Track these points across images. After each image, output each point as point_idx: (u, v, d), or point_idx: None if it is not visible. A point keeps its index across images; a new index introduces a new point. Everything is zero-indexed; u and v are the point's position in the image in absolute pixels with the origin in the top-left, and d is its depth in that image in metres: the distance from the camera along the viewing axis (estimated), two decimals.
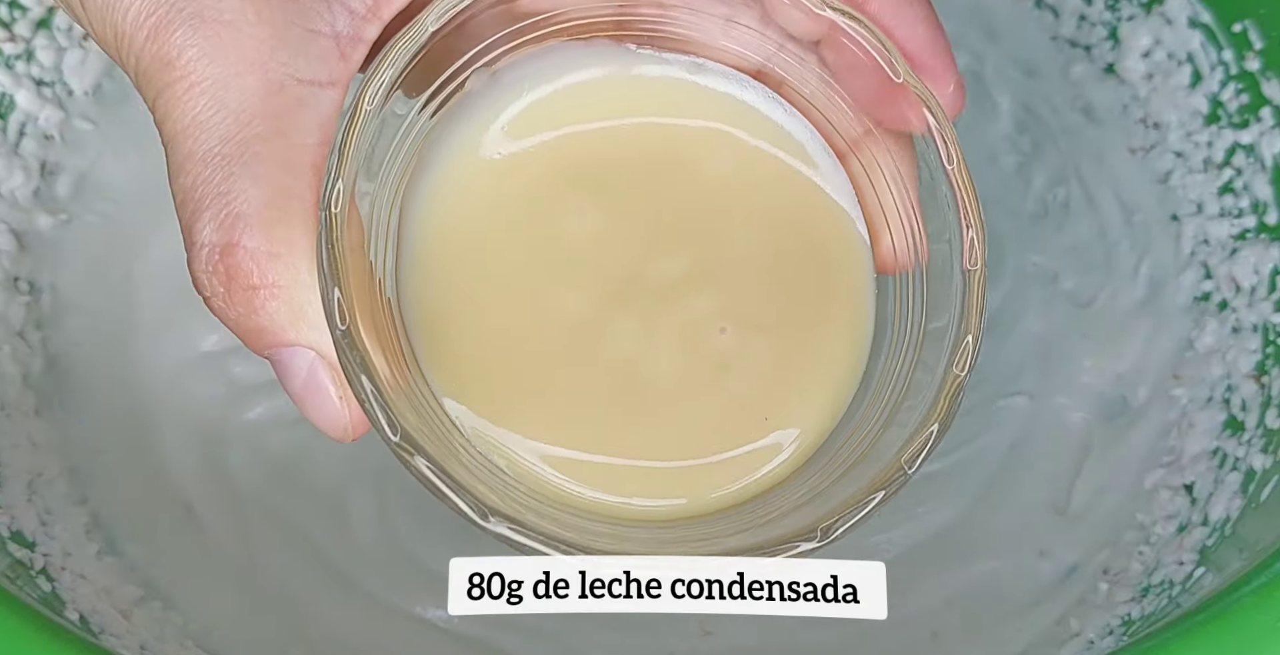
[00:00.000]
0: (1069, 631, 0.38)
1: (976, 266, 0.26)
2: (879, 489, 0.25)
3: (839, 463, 0.27)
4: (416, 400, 0.26)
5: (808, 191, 0.28)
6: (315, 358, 0.25)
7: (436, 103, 0.27)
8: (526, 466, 0.27)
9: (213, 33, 0.25)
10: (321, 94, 0.26)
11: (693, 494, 0.27)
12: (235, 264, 0.25)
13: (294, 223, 0.25)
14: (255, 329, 0.25)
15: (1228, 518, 0.37)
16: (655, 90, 0.28)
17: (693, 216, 0.28)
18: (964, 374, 0.26)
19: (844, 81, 0.27)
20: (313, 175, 0.25)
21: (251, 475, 0.40)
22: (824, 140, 0.28)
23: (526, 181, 0.27)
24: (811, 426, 0.27)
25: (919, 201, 0.27)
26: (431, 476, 0.24)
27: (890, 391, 0.27)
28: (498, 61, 0.27)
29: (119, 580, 0.38)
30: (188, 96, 0.25)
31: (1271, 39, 0.39)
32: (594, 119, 0.28)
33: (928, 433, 0.25)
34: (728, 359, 0.27)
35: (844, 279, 0.28)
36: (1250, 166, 0.40)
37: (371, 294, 0.26)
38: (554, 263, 0.27)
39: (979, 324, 0.26)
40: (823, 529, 0.24)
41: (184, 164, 0.25)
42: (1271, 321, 0.39)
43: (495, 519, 0.24)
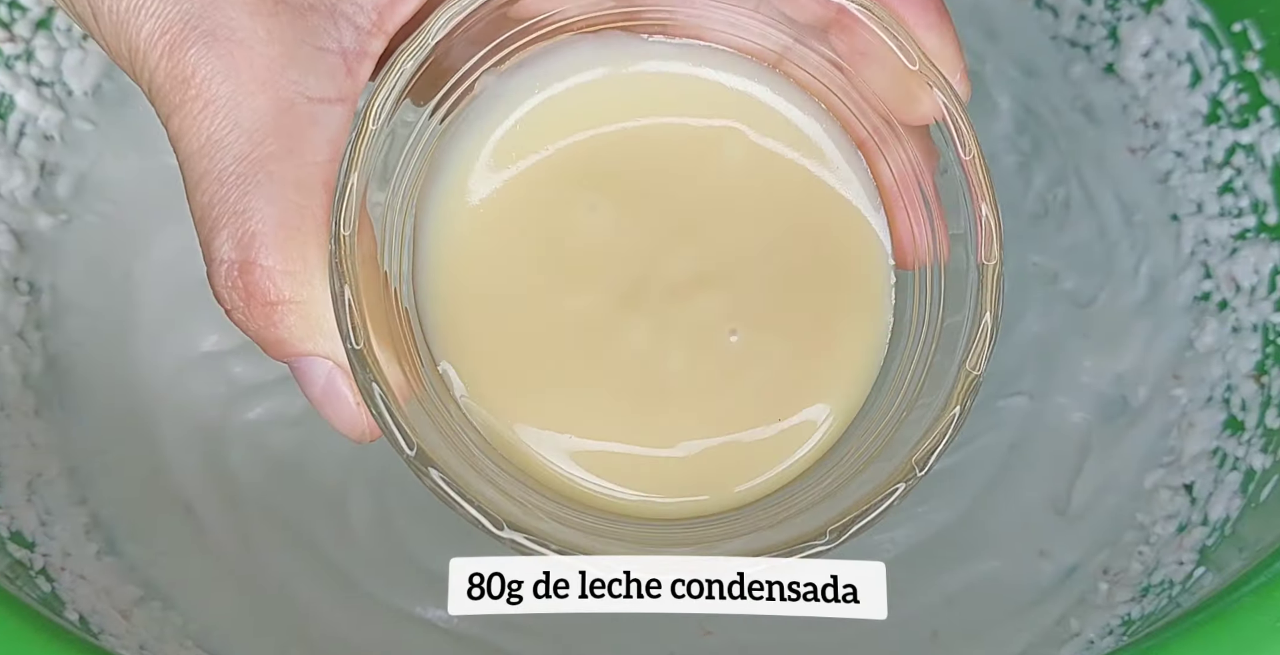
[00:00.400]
0: (1069, 631, 0.38)
1: (993, 260, 0.26)
2: (890, 488, 0.25)
3: (854, 460, 0.26)
4: (433, 407, 0.26)
5: (820, 188, 0.28)
6: (332, 367, 0.26)
7: (445, 108, 0.27)
8: (545, 465, 0.27)
9: (226, 52, 0.26)
10: (331, 111, 0.26)
11: (712, 491, 0.27)
12: (253, 281, 0.26)
13: (308, 239, 0.26)
14: (274, 340, 0.26)
15: (1228, 517, 0.37)
16: (665, 87, 0.28)
17: (704, 215, 0.28)
18: (978, 371, 0.25)
19: (858, 70, 0.27)
20: (324, 193, 0.26)
21: (251, 475, 0.40)
22: (841, 132, 0.28)
23: (538, 182, 0.27)
24: (827, 423, 0.27)
25: (937, 194, 0.27)
26: (446, 489, 0.24)
27: (906, 389, 0.27)
28: (505, 62, 0.27)
29: (119, 580, 0.38)
30: (203, 116, 0.26)
31: (1271, 39, 0.39)
32: (604, 118, 0.28)
33: (940, 431, 0.25)
34: (739, 360, 0.27)
35: (858, 275, 0.28)
36: (1250, 166, 0.40)
37: (386, 303, 0.26)
38: (567, 264, 0.27)
39: (995, 319, 0.25)
40: (834, 530, 0.24)
41: (200, 182, 0.26)
42: (1271, 321, 0.39)
43: (510, 529, 0.24)
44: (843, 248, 0.28)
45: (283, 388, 0.40)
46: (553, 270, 0.27)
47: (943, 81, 0.26)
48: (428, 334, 0.27)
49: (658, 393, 0.27)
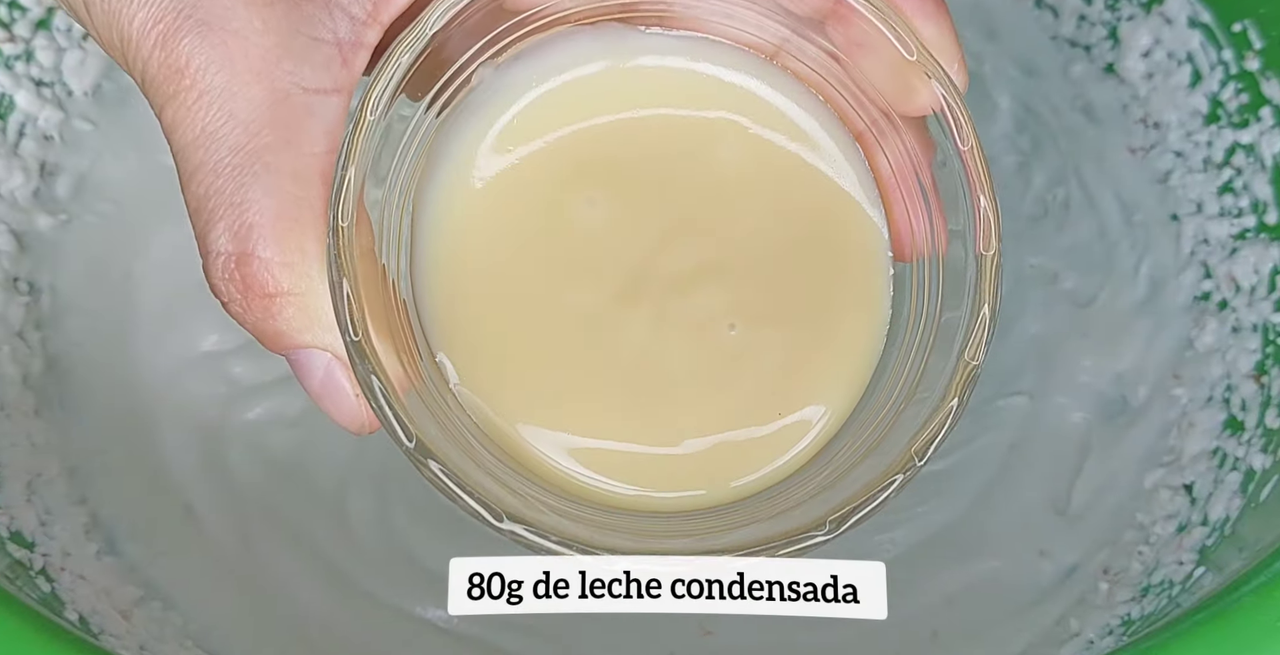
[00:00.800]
0: (1069, 631, 0.38)
1: (991, 251, 0.26)
2: (889, 480, 0.25)
3: (853, 452, 0.26)
4: (431, 399, 0.26)
5: (818, 180, 0.28)
6: (331, 359, 0.26)
7: (442, 101, 0.27)
8: (543, 460, 0.27)
9: (220, 41, 0.25)
10: (327, 102, 0.26)
11: (711, 485, 0.27)
12: (251, 273, 0.25)
13: (306, 231, 0.25)
14: (272, 333, 0.26)
15: (1228, 517, 0.37)
16: (662, 81, 0.28)
17: (703, 208, 0.28)
18: (976, 362, 0.25)
19: (855, 61, 0.27)
20: (321, 185, 0.26)
21: (251, 475, 0.40)
22: (839, 124, 0.28)
23: (536, 176, 0.27)
24: (826, 417, 0.27)
25: (935, 186, 0.27)
26: (445, 481, 0.24)
27: (905, 381, 0.27)
28: (502, 54, 0.27)
29: (119, 580, 0.38)
30: (197, 106, 0.25)
31: (1271, 39, 0.39)
32: (602, 111, 0.28)
33: (939, 422, 0.25)
34: (739, 354, 0.27)
35: (857, 268, 0.28)
36: (1250, 166, 0.40)
37: (385, 297, 0.26)
38: (565, 258, 0.27)
39: (994, 310, 0.25)
40: (833, 520, 0.24)
41: (195, 174, 0.26)
42: (1271, 321, 0.39)
43: (509, 521, 0.24)
44: (841, 240, 0.28)
45: (282, 388, 0.40)
46: (551, 264, 0.27)
47: (940, 72, 0.26)
48: (426, 327, 0.27)
49: (656, 388, 0.27)
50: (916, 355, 0.27)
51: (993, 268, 0.26)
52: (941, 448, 0.25)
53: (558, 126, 0.28)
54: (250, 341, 0.41)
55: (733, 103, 0.28)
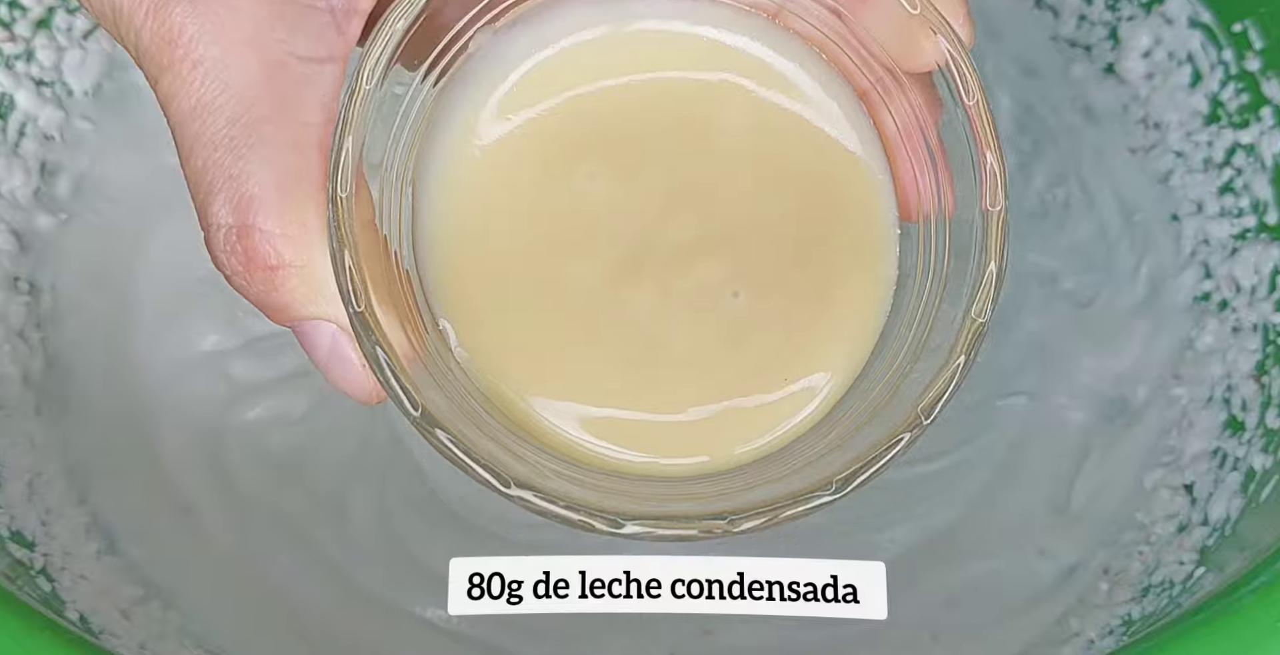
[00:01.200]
0: (1069, 631, 0.38)
1: (997, 207, 0.25)
2: (895, 438, 0.24)
3: (858, 415, 0.26)
4: (437, 368, 0.26)
5: (823, 141, 0.27)
6: (336, 330, 0.26)
7: (439, 69, 0.26)
8: (549, 427, 0.27)
9: (211, 10, 0.25)
10: (322, 70, 0.26)
11: (716, 451, 0.27)
12: (252, 246, 0.25)
13: (306, 202, 0.25)
14: (278, 305, 0.26)
15: (1228, 517, 0.37)
16: (664, 45, 0.27)
17: (705, 176, 0.27)
18: (983, 318, 0.25)
19: (858, 17, 0.27)
20: (320, 155, 0.25)
21: (251, 475, 0.40)
22: (843, 84, 0.28)
23: (537, 144, 0.27)
24: (831, 382, 0.27)
25: (941, 145, 0.26)
26: (453, 449, 0.24)
27: (912, 340, 0.26)
28: (499, 19, 0.27)
29: (119, 580, 0.38)
30: (192, 77, 0.25)
31: (1271, 39, 0.39)
32: (603, 77, 0.27)
33: (945, 380, 0.25)
34: (743, 322, 0.27)
35: (863, 231, 0.27)
36: (1250, 166, 0.40)
37: (387, 267, 0.26)
38: (568, 228, 0.27)
39: (1000, 266, 0.25)
40: (839, 480, 0.24)
41: (193, 146, 0.25)
42: (1271, 321, 0.39)
43: (517, 487, 0.23)
44: (847, 201, 0.27)
45: (282, 388, 0.40)
46: (553, 234, 0.27)
47: (945, 26, 0.25)
48: (429, 296, 0.27)
49: (660, 355, 0.27)
50: (923, 314, 0.26)
51: (999, 223, 0.25)
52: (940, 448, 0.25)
53: (558, 93, 0.27)
54: (251, 341, 0.41)
55: (736, 65, 0.28)
